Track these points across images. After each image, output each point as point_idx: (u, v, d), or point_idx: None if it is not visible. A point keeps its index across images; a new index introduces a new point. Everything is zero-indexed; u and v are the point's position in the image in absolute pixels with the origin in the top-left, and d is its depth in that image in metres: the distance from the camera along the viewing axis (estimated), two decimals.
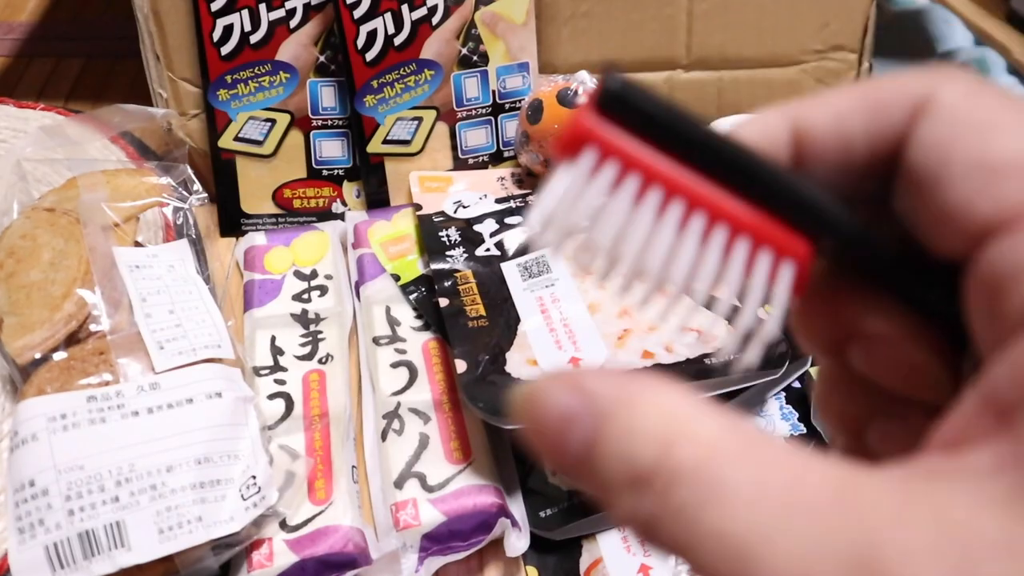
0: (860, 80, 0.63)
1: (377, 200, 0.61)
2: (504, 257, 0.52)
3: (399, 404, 0.49)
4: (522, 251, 0.52)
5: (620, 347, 0.45)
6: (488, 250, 0.53)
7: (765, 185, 0.15)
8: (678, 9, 0.60)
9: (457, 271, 0.52)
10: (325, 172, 0.61)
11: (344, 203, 0.61)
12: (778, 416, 0.47)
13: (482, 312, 0.49)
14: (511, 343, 0.47)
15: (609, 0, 0.60)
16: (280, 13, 0.56)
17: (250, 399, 0.48)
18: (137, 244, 0.52)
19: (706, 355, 0.45)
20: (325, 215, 0.61)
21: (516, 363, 0.45)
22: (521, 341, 0.47)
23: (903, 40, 0.79)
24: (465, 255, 0.53)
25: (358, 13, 0.55)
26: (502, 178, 0.60)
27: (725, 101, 0.63)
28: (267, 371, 0.52)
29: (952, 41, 0.84)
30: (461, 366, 0.45)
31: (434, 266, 0.53)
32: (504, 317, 0.48)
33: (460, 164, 0.61)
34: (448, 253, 0.53)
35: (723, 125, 0.17)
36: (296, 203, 0.61)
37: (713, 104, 0.63)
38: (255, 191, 0.61)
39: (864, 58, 0.63)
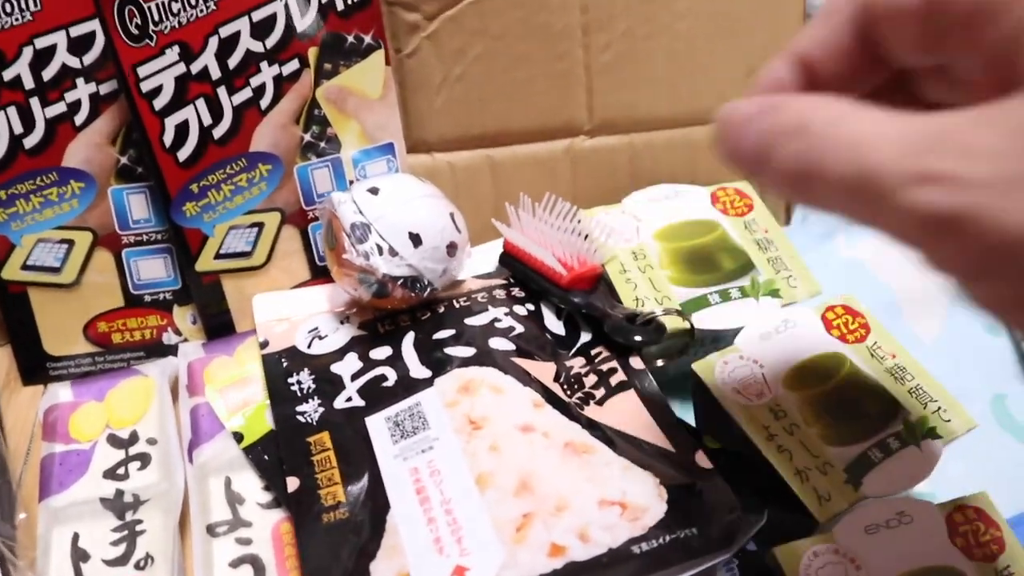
0: None
1: (219, 325, 0.49)
2: (370, 409, 0.40)
3: None
4: None
5: (520, 542, 0.34)
6: (349, 400, 0.41)
7: None
8: (573, 63, 0.50)
9: (311, 434, 0.40)
10: (148, 298, 0.48)
11: (178, 332, 0.49)
12: None
13: (340, 498, 0.37)
14: (378, 545, 0.35)
15: (488, 59, 0.49)
16: (60, 108, 0.43)
17: None
18: None
19: (634, 540, 0.34)
20: (156, 348, 0.49)
21: None
22: (391, 542, 0.35)
23: None
24: (321, 409, 0.41)
25: (160, 103, 0.43)
26: None
27: (640, 169, 0.53)
28: None
29: None
30: None
31: (280, 427, 0.40)
32: (370, 502, 0.36)
33: (320, 273, 0.49)
34: (299, 408, 0.41)
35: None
36: (116, 338, 0.48)
37: (625, 173, 0.53)
38: (60, 328, 0.48)
39: None
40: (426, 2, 0.47)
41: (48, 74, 0.43)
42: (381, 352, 0.43)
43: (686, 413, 0.45)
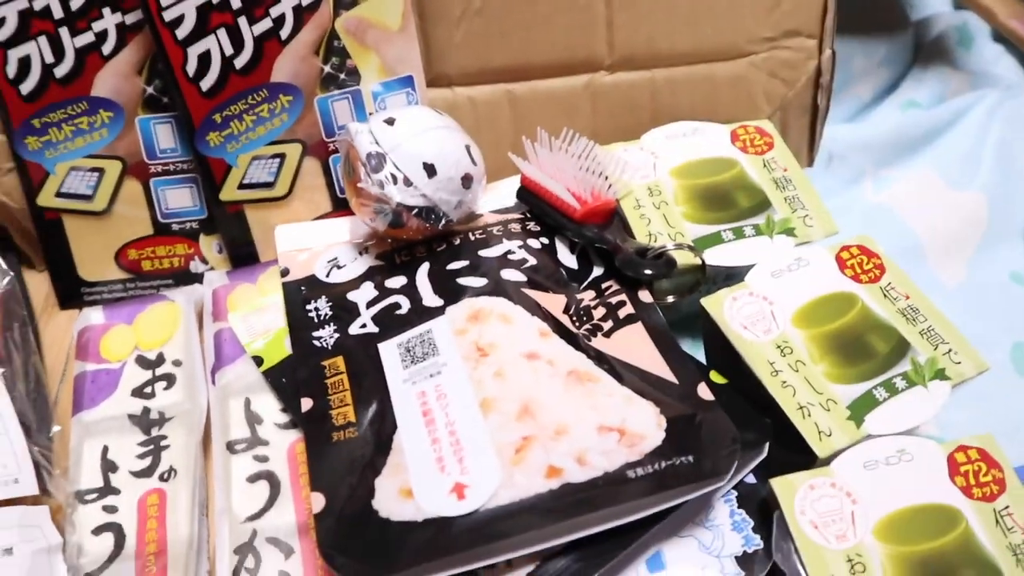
0: (820, 71, 0.52)
1: (243, 255, 0.50)
2: (383, 335, 0.42)
3: (255, 533, 0.39)
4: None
5: (518, 463, 0.35)
6: (364, 326, 0.42)
7: None
8: None
9: (326, 358, 0.41)
10: (176, 226, 0.50)
11: (204, 261, 0.51)
12: (728, 526, 0.37)
13: (351, 418, 0.38)
14: (384, 462, 0.36)
15: None
16: (88, 38, 0.44)
17: (56, 548, 0.37)
18: None
19: (630, 464, 0.35)
20: (183, 276, 0.51)
21: (387, 495, 0.35)
22: (396, 460, 0.36)
23: (869, 9, 0.68)
24: (337, 335, 0.42)
25: (182, 32, 0.43)
26: None
27: (661, 105, 0.52)
28: (94, 496, 0.41)
29: (926, 5, 0.73)
30: (318, 502, 0.35)
31: (297, 352, 0.42)
32: (377, 424, 0.38)
33: (341, 205, 0.50)
34: (316, 334, 0.42)
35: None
36: (146, 265, 0.50)
37: (647, 110, 0.52)
38: (93, 254, 0.49)
39: (825, 44, 0.52)
40: None
41: (76, 3, 0.44)
42: (396, 281, 0.44)
43: (697, 352, 0.46)
